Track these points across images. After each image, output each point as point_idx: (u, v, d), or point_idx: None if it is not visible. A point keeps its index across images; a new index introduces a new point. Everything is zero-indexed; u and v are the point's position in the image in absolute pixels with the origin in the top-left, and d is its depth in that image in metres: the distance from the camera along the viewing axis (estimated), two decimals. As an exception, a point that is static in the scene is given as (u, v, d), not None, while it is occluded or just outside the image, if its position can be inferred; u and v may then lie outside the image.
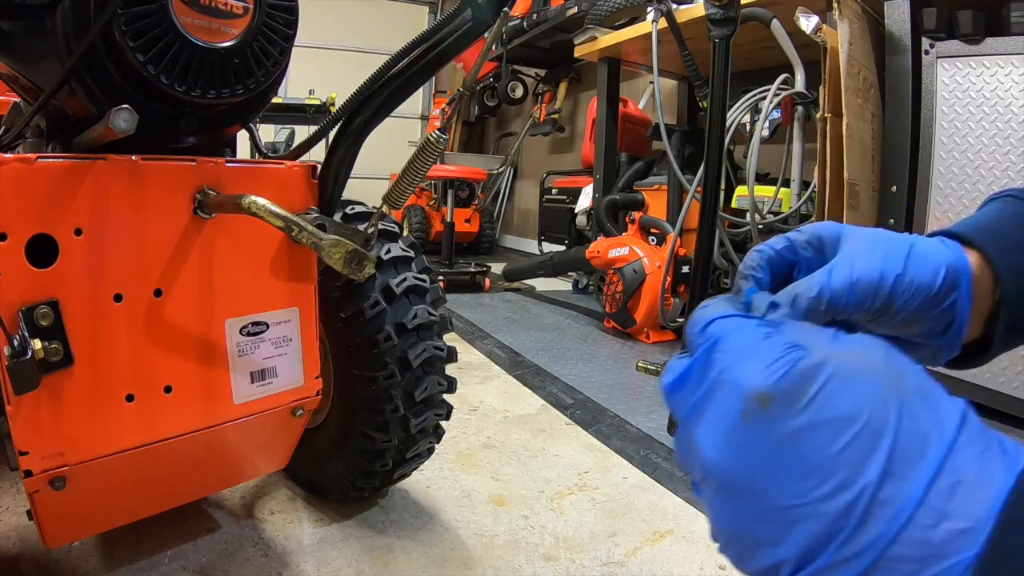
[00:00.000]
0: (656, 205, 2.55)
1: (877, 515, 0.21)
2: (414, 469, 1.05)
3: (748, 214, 1.97)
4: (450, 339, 0.96)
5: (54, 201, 0.57)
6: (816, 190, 1.78)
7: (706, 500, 0.26)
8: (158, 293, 0.65)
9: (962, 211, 1.59)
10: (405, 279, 0.88)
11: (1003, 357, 1.52)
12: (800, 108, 1.99)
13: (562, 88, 4.41)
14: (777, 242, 0.39)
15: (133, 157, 0.61)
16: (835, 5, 1.68)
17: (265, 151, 0.94)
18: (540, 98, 4.51)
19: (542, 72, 4.53)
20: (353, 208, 0.91)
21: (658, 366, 0.30)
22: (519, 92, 4.51)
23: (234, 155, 0.77)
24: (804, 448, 0.22)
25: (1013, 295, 0.37)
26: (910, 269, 0.35)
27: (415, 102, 6.21)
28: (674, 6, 2.20)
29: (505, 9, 0.69)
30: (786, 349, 0.24)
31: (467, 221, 4.48)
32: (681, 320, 2.28)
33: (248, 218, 0.62)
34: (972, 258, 0.37)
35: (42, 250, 0.57)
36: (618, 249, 2.33)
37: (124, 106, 0.54)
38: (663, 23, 2.22)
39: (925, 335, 0.37)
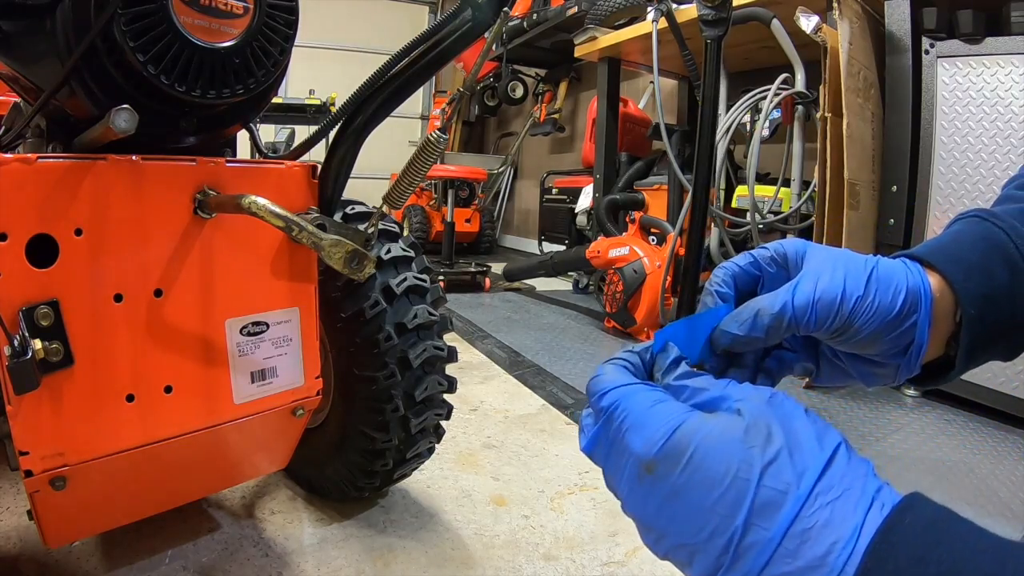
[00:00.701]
0: (656, 205, 2.55)
1: (745, 556, 0.25)
2: (414, 469, 1.05)
3: (748, 214, 1.97)
4: (450, 339, 0.96)
5: (54, 201, 0.57)
6: (816, 190, 1.78)
7: (644, 536, 0.31)
8: (158, 293, 0.65)
9: (962, 211, 1.59)
10: (405, 279, 0.88)
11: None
12: (800, 108, 1.98)
13: (562, 88, 4.41)
14: (742, 259, 0.40)
15: (133, 157, 0.61)
16: (835, 5, 1.68)
17: (265, 151, 0.94)
18: (540, 98, 4.51)
19: (542, 72, 4.54)
20: (353, 208, 0.91)
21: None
22: (519, 92, 4.51)
23: (234, 155, 0.77)
24: (687, 501, 0.27)
25: (973, 318, 0.37)
26: (871, 290, 0.36)
27: (415, 102, 6.21)
28: (674, 6, 2.20)
29: (505, 9, 0.69)
30: (667, 419, 0.28)
31: (467, 221, 4.48)
32: (681, 320, 2.28)
33: (248, 218, 0.62)
34: (933, 281, 0.38)
35: (42, 250, 0.57)
36: (618, 249, 2.33)
37: (124, 106, 0.54)
38: (663, 23, 2.22)
39: (885, 355, 0.38)
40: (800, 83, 1.96)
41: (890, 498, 0.26)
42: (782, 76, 1.97)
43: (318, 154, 0.71)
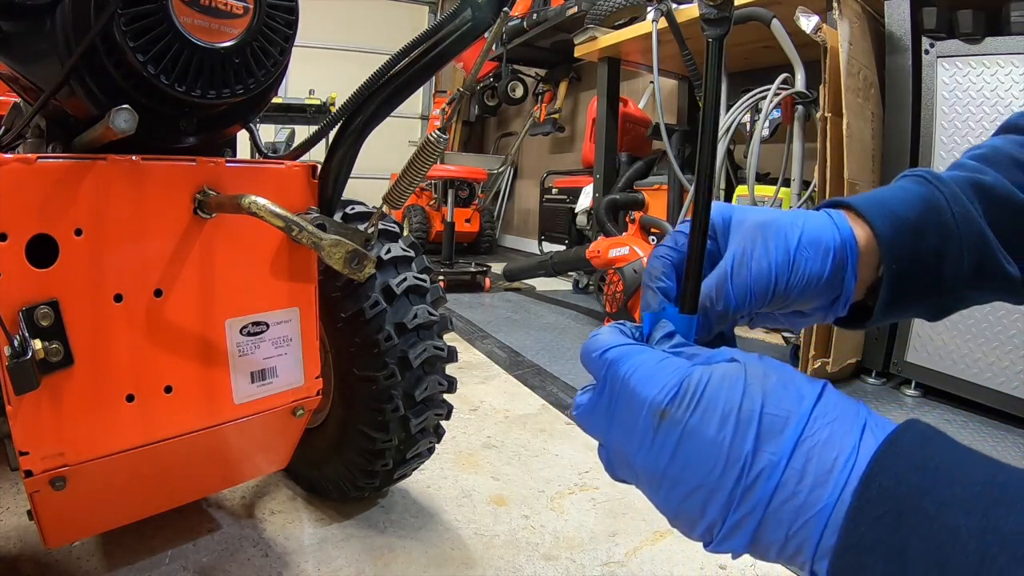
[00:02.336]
0: (656, 205, 2.55)
1: (756, 482, 0.27)
2: (414, 469, 1.05)
3: (748, 214, 1.97)
4: (450, 339, 0.96)
5: (54, 201, 0.57)
6: (816, 190, 1.78)
7: (644, 492, 0.32)
8: (158, 293, 0.65)
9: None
10: (405, 279, 0.88)
11: (1003, 357, 1.52)
12: (800, 108, 1.98)
13: (562, 88, 4.41)
14: (675, 240, 0.40)
15: (133, 157, 0.61)
16: (835, 5, 1.68)
17: (265, 151, 0.94)
18: (540, 98, 4.51)
19: (542, 72, 4.53)
20: (353, 208, 0.91)
21: None
22: (519, 92, 4.51)
23: (234, 155, 0.77)
24: (698, 440, 0.28)
25: (894, 275, 0.39)
26: (801, 261, 0.37)
27: (415, 102, 6.21)
28: (674, 6, 2.20)
29: (505, 9, 0.69)
30: (676, 370, 0.30)
31: (467, 221, 4.48)
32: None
33: (248, 218, 0.62)
34: (861, 232, 0.39)
35: (42, 250, 0.57)
36: (618, 249, 2.33)
37: (124, 106, 0.54)
38: (663, 23, 2.22)
39: (814, 309, 0.41)
40: (800, 83, 1.96)
41: (883, 422, 0.28)
42: (782, 76, 1.97)
43: (318, 154, 0.71)
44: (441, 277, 3.07)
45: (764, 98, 1.97)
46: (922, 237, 0.38)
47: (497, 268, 3.44)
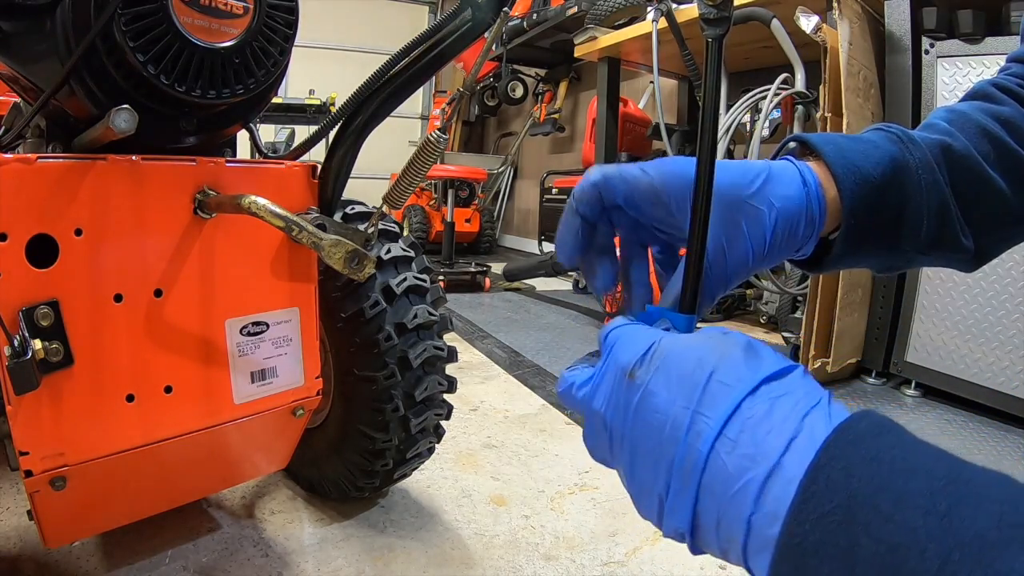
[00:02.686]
0: (656, 205, 2.54)
1: (693, 446, 0.26)
2: (414, 469, 1.05)
3: (748, 214, 1.97)
4: (450, 339, 0.96)
5: (54, 201, 0.57)
6: (816, 190, 1.78)
7: (617, 465, 0.31)
8: (158, 293, 0.65)
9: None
10: (405, 279, 0.88)
11: (1003, 357, 1.52)
12: (800, 108, 1.98)
13: (562, 88, 4.41)
14: (602, 172, 0.40)
15: (133, 157, 0.61)
16: (835, 5, 1.68)
17: (265, 151, 0.94)
18: (540, 98, 4.51)
19: (542, 72, 4.53)
20: (353, 208, 0.91)
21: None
22: (519, 92, 4.51)
23: (234, 155, 0.77)
24: (656, 401, 0.28)
25: (851, 232, 0.39)
26: (776, 245, 0.37)
27: (415, 102, 6.21)
28: (674, 6, 2.20)
29: (505, 9, 0.69)
30: (649, 337, 0.31)
31: (467, 221, 4.48)
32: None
33: (248, 218, 0.62)
34: (828, 190, 0.39)
35: (42, 250, 0.57)
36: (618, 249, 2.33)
37: (124, 106, 0.54)
38: (663, 23, 2.22)
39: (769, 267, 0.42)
40: (800, 83, 1.96)
41: (839, 409, 0.27)
42: (782, 76, 1.97)
43: (318, 154, 0.71)
44: (441, 277, 3.06)
45: (764, 98, 1.97)
46: (884, 198, 0.39)
47: (497, 268, 3.44)
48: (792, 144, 0.43)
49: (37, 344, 0.55)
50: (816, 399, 0.26)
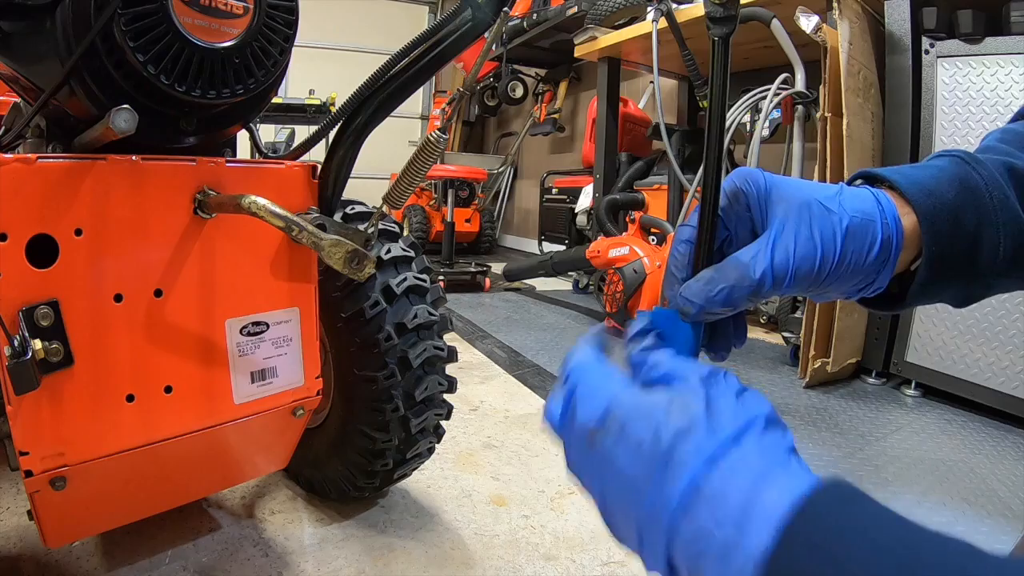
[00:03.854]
0: (656, 205, 2.55)
1: (658, 514, 0.27)
2: (414, 469, 1.05)
3: (748, 214, 1.97)
4: (450, 339, 0.96)
5: (54, 201, 0.57)
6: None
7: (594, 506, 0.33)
8: (158, 293, 0.65)
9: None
10: (405, 279, 0.88)
11: (1003, 357, 1.52)
12: (800, 108, 1.98)
13: (562, 88, 4.41)
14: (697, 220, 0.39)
15: (133, 157, 0.61)
16: (835, 5, 1.68)
17: (265, 151, 0.94)
18: (540, 98, 4.51)
19: (542, 72, 4.53)
20: (353, 208, 0.91)
21: None
22: (519, 92, 4.51)
23: (234, 155, 0.77)
24: (618, 464, 0.30)
25: (933, 261, 0.37)
26: (848, 251, 0.35)
27: (415, 102, 6.21)
28: (674, 6, 2.20)
29: (505, 9, 0.69)
30: (607, 395, 0.32)
31: (467, 221, 4.48)
32: (681, 320, 2.28)
33: (248, 218, 0.62)
34: (906, 217, 0.37)
35: (42, 250, 0.57)
36: (618, 249, 2.33)
37: (124, 106, 0.54)
38: (663, 23, 2.22)
39: (842, 292, 0.39)
40: (800, 83, 1.96)
41: (801, 479, 0.26)
42: (782, 76, 1.97)
43: (318, 154, 0.71)
44: (441, 277, 3.07)
45: (764, 98, 1.97)
46: (959, 221, 0.37)
47: (497, 268, 3.44)
48: (857, 181, 0.41)
49: (37, 344, 0.55)
50: (771, 464, 0.27)
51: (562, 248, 3.51)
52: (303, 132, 2.34)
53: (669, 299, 0.39)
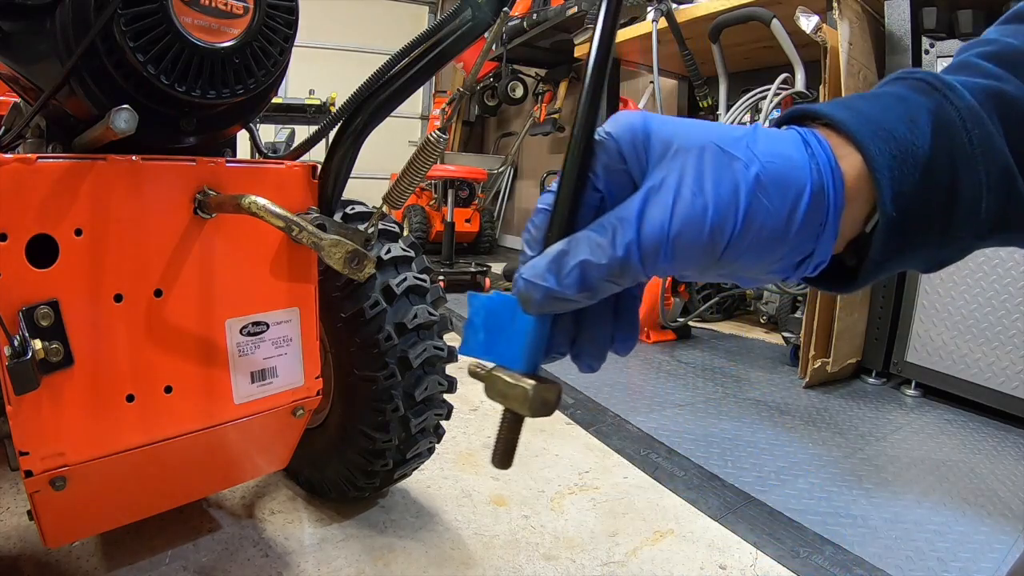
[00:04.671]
0: (656, 205, 2.54)
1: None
2: (414, 469, 1.05)
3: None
4: (450, 339, 0.96)
5: (54, 201, 0.57)
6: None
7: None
8: (158, 293, 0.65)
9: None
10: (405, 279, 0.88)
11: (1003, 357, 1.51)
12: (800, 108, 1.98)
13: (562, 88, 4.41)
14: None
15: (133, 157, 0.61)
16: (835, 5, 1.68)
17: (265, 151, 0.94)
18: (540, 98, 4.51)
19: (542, 72, 4.53)
20: (353, 208, 0.91)
21: (486, 371, 0.32)
22: (519, 92, 4.50)
23: (234, 155, 0.77)
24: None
25: (893, 224, 0.27)
26: (756, 213, 0.25)
27: (415, 102, 6.20)
28: (674, 6, 2.20)
29: (505, 9, 0.69)
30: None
31: (467, 221, 4.48)
32: (681, 320, 2.28)
33: (248, 218, 0.62)
34: (849, 164, 0.27)
35: (42, 250, 0.57)
36: (618, 249, 2.33)
37: (124, 106, 0.54)
38: (663, 23, 2.22)
39: (769, 272, 0.28)
40: (800, 83, 1.96)
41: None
42: (782, 76, 1.97)
43: (318, 154, 0.71)
44: (441, 277, 3.07)
45: (764, 98, 1.97)
46: (931, 170, 0.27)
47: (497, 268, 3.44)
48: (784, 126, 0.31)
49: (37, 344, 0.55)
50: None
51: (562, 248, 3.49)
52: (303, 132, 2.34)
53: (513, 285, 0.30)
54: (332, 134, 0.76)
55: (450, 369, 0.97)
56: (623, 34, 2.59)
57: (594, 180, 0.30)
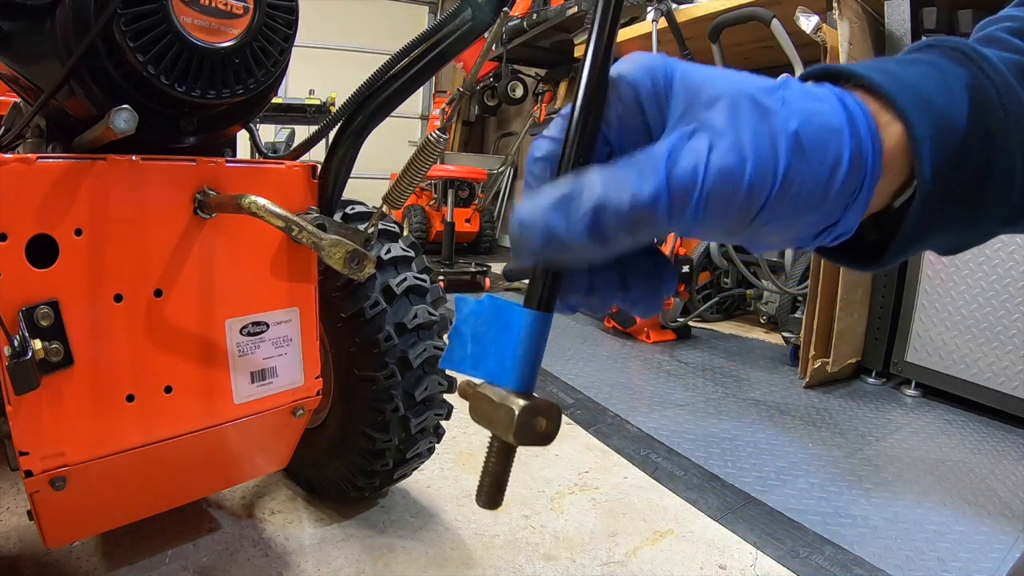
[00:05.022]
0: (656, 205, 2.54)
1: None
2: (414, 469, 1.05)
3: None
4: (450, 339, 0.95)
5: (54, 201, 0.57)
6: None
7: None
8: (158, 293, 0.65)
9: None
10: (405, 279, 0.88)
11: (1003, 357, 1.51)
12: (800, 108, 1.98)
13: (562, 88, 4.41)
14: (560, 126, 0.26)
15: (133, 157, 0.61)
16: (835, 5, 1.68)
17: (265, 151, 0.94)
18: (540, 98, 4.51)
19: (542, 72, 4.53)
20: (353, 208, 0.91)
21: (473, 388, 0.28)
22: (519, 92, 4.51)
23: (234, 155, 0.77)
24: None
25: (931, 198, 0.25)
26: (796, 169, 0.23)
27: (415, 102, 6.21)
28: (674, 6, 2.20)
29: (505, 9, 0.69)
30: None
31: (467, 221, 4.48)
32: (681, 320, 2.28)
33: (248, 218, 0.62)
34: (890, 132, 0.25)
35: (42, 250, 0.57)
36: (618, 249, 2.33)
37: (124, 106, 0.54)
38: (663, 23, 2.22)
39: (788, 239, 0.26)
40: (800, 83, 1.96)
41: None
42: (782, 76, 1.97)
43: (318, 154, 0.71)
44: (441, 277, 3.07)
45: (764, 98, 1.97)
46: (968, 145, 0.25)
47: (497, 268, 3.44)
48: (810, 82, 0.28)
49: (37, 344, 0.55)
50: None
51: (562, 248, 3.49)
52: (303, 132, 2.34)
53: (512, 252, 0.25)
54: (332, 134, 0.76)
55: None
56: (623, 34, 2.59)
57: (606, 131, 0.26)
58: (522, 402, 0.25)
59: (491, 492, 0.27)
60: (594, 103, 0.25)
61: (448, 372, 0.95)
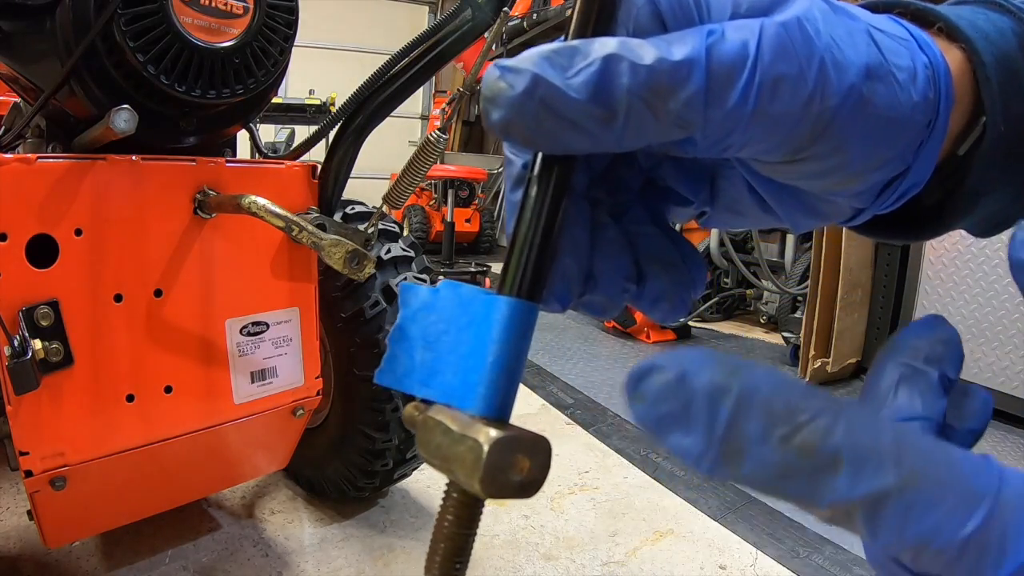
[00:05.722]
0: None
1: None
2: (414, 469, 1.05)
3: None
4: (450, 339, 0.96)
5: (54, 201, 0.57)
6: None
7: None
8: (158, 293, 0.65)
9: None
10: (405, 279, 0.88)
11: (1003, 357, 1.51)
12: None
13: (562, 88, 4.41)
14: None
15: (133, 157, 0.61)
16: (835, 5, 1.68)
17: (265, 151, 0.94)
18: (540, 98, 4.51)
19: (542, 72, 4.53)
20: (353, 208, 0.91)
21: (422, 412, 0.18)
22: (519, 92, 4.50)
23: (234, 155, 0.77)
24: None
25: (1000, 141, 0.21)
26: (877, 70, 0.17)
27: (415, 102, 6.21)
28: None
29: (505, 9, 0.69)
30: None
31: (467, 221, 4.48)
32: (681, 320, 2.28)
33: (248, 218, 0.62)
34: (949, 55, 0.20)
35: (42, 250, 0.57)
36: (618, 249, 2.33)
37: (124, 106, 0.54)
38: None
39: (856, 192, 0.20)
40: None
41: None
42: None
43: (318, 154, 0.71)
44: (441, 277, 3.06)
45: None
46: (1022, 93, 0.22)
47: (497, 268, 3.44)
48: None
49: (37, 344, 0.55)
50: None
51: (562, 248, 3.50)
52: (303, 132, 2.34)
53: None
54: (332, 134, 0.76)
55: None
56: (623, 34, 2.59)
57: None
58: (494, 433, 0.17)
59: (446, 564, 0.18)
60: (597, 27, 0.17)
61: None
